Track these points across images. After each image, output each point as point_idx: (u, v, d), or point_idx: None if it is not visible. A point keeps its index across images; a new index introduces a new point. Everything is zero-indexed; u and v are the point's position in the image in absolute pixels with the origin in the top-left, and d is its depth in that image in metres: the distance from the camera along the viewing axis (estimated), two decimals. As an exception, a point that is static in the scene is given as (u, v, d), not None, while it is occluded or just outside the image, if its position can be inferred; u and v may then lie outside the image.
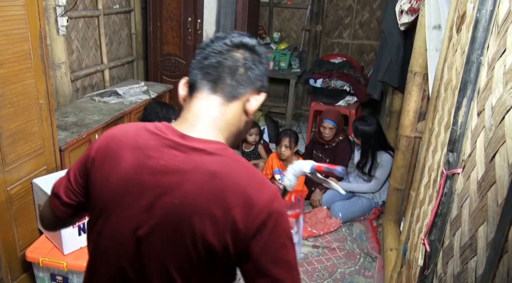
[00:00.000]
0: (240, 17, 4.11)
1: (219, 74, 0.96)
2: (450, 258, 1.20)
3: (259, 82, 1.00)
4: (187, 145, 0.91)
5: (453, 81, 1.69)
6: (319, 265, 2.87)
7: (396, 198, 3.15)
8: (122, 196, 0.93)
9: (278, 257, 0.89)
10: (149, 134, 0.94)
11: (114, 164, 0.94)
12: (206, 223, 0.86)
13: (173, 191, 0.88)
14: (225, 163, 0.90)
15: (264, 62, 1.02)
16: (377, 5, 5.30)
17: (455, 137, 1.22)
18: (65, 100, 3.38)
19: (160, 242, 0.90)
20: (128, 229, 0.92)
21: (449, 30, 1.87)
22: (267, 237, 0.87)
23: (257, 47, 1.01)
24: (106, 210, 0.95)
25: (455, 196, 1.23)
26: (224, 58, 0.96)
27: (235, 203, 0.86)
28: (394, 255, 2.68)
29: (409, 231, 2.20)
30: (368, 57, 5.54)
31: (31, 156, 2.37)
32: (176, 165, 0.89)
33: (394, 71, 3.51)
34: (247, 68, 0.97)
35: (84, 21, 3.62)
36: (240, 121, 1.00)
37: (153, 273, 0.92)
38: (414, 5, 2.84)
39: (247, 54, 0.98)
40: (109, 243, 0.95)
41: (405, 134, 2.95)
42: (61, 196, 1.05)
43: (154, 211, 0.90)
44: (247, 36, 1.02)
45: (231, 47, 0.98)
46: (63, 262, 2.24)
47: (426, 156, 2.06)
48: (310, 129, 4.85)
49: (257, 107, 1.01)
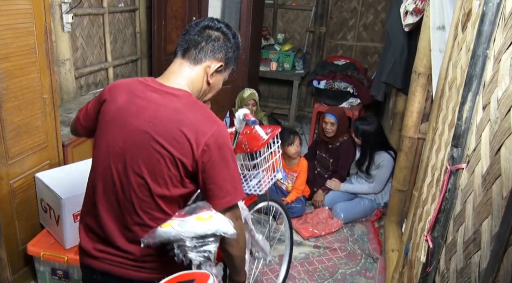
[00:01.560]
0: (244, 17, 4.12)
1: (188, 45, 1.36)
2: (453, 254, 1.19)
3: (220, 54, 1.37)
4: (162, 90, 1.31)
5: (458, 79, 1.68)
6: (320, 265, 2.86)
7: (399, 199, 3.13)
8: (116, 118, 1.32)
9: (222, 171, 1.28)
10: (138, 83, 1.36)
11: (114, 100, 1.35)
12: (170, 143, 1.25)
13: (150, 118, 1.27)
14: (186, 103, 1.29)
15: (229, 40, 1.39)
16: (381, 7, 5.31)
17: (459, 133, 1.22)
18: (68, 97, 3.38)
19: (136, 150, 1.28)
20: (117, 141, 1.31)
21: (454, 29, 1.86)
22: (213, 156, 1.25)
23: (223, 29, 1.39)
24: (105, 127, 1.35)
25: (459, 191, 1.23)
26: (194, 34, 1.36)
27: (190, 131, 1.24)
28: (395, 256, 2.66)
29: (411, 231, 2.19)
30: (371, 59, 5.54)
31: (34, 150, 2.37)
32: (153, 102, 1.29)
33: (398, 73, 3.50)
34: (208, 42, 1.35)
35: (89, 19, 3.63)
36: (203, 81, 1.38)
37: (132, 175, 1.29)
38: (419, 6, 2.84)
39: (212, 32, 1.37)
40: (104, 150, 1.34)
41: (408, 135, 2.94)
42: (80, 119, 1.51)
43: (135, 130, 1.28)
44: (218, 21, 1.40)
45: (201, 28, 1.37)
46: (64, 256, 2.23)
47: (429, 155, 2.05)
48: (313, 130, 4.85)
49: (212, 71, 1.37)
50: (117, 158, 1.30)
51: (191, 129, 1.24)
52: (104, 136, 1.34)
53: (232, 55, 1.42)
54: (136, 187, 1.28)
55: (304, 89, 5.75)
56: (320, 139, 3.80)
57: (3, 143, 2.13)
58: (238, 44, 1.44)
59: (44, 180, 2.32)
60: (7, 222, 2.25)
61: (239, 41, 1.45)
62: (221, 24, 1.40)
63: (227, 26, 1.42)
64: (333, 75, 4.78)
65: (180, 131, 1.24)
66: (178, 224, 1.22)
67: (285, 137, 3.38)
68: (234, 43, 1.41)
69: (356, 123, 3.47)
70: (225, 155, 1.28)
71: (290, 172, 3.52)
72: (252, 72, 4.53)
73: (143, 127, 1.27)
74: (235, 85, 4.34)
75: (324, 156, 3.69)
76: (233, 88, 4.34)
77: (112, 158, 1.31)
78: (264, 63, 5.28)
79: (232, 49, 1.41)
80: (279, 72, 5.32)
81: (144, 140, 1.26)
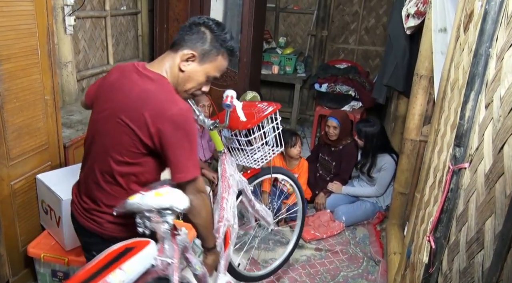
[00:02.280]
0: (246, 19, 4.12)
1: (175, 39, 1.55)
2: (456, 254, 1.18)
3: (196, 44, 1.51)
4: (143, 73, 1.48)
5: (460, 80, 1.68)
6: (321, 268, 2.84)
7: (400, 202, 3.12)
8: (105, 91, 1.54)
9: (176, 149, 1.41)
10: (131, 66, 1.53)
11: (109, 77, 1.57)
12: (131, 118, 1.42)
13: (124, 95, 1.46)
14: (157, 85, 1.45)
15: (210, 33, 1.52)
16: (383, 11, 5.31)
17: (462, 132, 1.21)
18: (70, 99, 3.38)
19: (105, 122, 1.49)
20: (100, 111, 1.54)
21: (456, 30, 1.86)
22: (167, 135, 1.39)
23: (207, 23, 1.53)
24: (98, 100, 1.58)
25: (461, 191, 1.22)
26: (182, 30, 1.54)
27: (151, 109, 1.40)
28: (397, 259, 2.65)
29: (414, 233, 2.18)
30: (373, 63, 5.54)
31: (35, 151, 2.37)
32: (133, 82, 1.47)
33: (400, 76, 3.50)
34: (188, 33, 1.52)
35: (91, 22, 3.63)
36: (177, 68, 1.52)
37: (98, 144, 1.53)
38: (420, 8, 2.84)
39: (195, 26, 1.53)
40: (92, 122, 1.59)
41: (410, 138, 2.94)
42: (87, 95, 1.70)
43: (111, 104, 1.49)
44: (208, 18, 1.55)
45: (190, 23, 1.55)
46: (64, 258, 2.23)
47: (431, 157, 2.04)
48: (315, 134, 4.84)
49: (184, 58, 1.50)
50: (94, 126, 1.56)
51: (153, 108, 1.40)
52: (95, 106, 1.59)
53: (211, 47, 1.52)
54: (100, 153, 1.51)
55: (306, 92, 5.75)
56: (322, 142, 3.79)
57: (4, 144, 2.13)
58: (221, 38, 1.53)
59: (45, 181, 2.31)
60: (8, 224, 2.24)
61: (225, 37, 1.54)
62: (207, 20, 1.55)
63: (215, 22, 1.55)
64: (335, 78, 4.77)
65: (142, 109, 1.40)
66: (140, 197, 1.38)
67: (287, 139, 3.38)
68: (215, 36, 1.52)
69: (359, 125, 3.47)
70: (181, 135, 1.40)
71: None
72: (253, 75, 4.53)
73: (116, 102, 1.47)
74: (237, 87, 4.33)
75: (326, 159, 3.68)
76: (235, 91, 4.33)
77: (93, 124, 1.57)
78: (266, 67, 5.28)
79: (211, 42, 1.52)
80: (281, 76, 5.32)
81: (112, 114, 1.46)
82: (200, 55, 1.51)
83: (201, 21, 1.53)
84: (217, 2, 4.11)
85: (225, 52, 1.56)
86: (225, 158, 2.16)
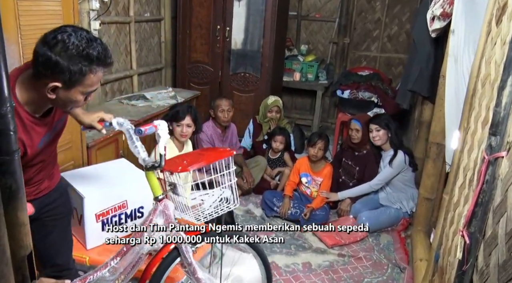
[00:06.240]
0: (268, 25, 4.13)
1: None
2: (494, 247, 1.12)
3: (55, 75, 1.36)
4: None
5: (492, 75, 1.62)
6: (344, 274, 2.77)
7: (426, 208, 3.03)
8: None
9: None
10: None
11: None
12: None
13: None
14: None
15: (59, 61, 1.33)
16: (406, 18, 5.25)
17: (498, 119, 1.16)
18: (94, 102, 3.43)
19: None
20: None
21: (487, 25, 1.81)
22: None
23: (52, 45, 1.34)
24: None
25: (498, 181, 1.16)
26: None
27: None
28: (424, 266, 2.56)
29: (442, 236, 2.10)
30: (396, 70, 5.47)
31: (59, 150, 2.36)
32: None
33: (424, 80, 3.43)
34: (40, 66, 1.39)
35: (116, 27, 3.69)
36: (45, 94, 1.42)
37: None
38: (447, 10, 2.79)
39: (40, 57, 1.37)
40: None
41: (436, 142, 2.86)
42: None
43: None
44: (49, 37, 1.36)
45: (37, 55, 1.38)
46: (85, 257, 2.22)
47: (460, 156, 1.97)
48: (337, 141, 4.78)
49: (48, 89, 1.38)
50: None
51: None
52: None
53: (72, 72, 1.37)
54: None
55: (327, 100, 5.71)
56: (346, 146, 3.74)
57: (29, 141, 2.15)
58: (80, 55, 1.36)
59: (68, 179, 2.32)
60: (31, 221, 2.25)
61: (82, 49, 1.35)
62: (51, 38, 1.37)
63: (66, 35, 1.35)
64: (357, 85, 4.72)
65: None
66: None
67: (311, 138, 3.45)
68: (69, 56, 1.35)
69: (376, 120, 3.48)
70: None
71: (314, 176, 3.47)
72: (275, 80, 4.53)
73: None
74: (258, 93, 4.33)
75: (350, 163, 3.61)
76: (256, 96, 4.33)
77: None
78: (287, 74, 5.27)
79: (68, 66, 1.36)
80: (303, 83, 5.30)
81: None
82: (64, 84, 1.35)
83: (47, 46, 1.33)
84: (239, 8, 4.14)
85: (93, 65, 1.37)
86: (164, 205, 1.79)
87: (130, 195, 2.28)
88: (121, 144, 2.96)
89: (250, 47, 4.30)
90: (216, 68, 4.41)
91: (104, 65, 1.40)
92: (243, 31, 4.23)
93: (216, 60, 4.38)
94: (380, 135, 3.40)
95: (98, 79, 1.42)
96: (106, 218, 2.26)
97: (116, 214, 2.27)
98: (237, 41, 4.29)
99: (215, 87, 4.47)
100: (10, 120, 0.79)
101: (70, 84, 1.35)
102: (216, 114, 3.70)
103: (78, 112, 1.88)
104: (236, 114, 3.98)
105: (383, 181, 3.39)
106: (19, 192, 0.82)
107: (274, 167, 3.91)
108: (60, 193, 1.92)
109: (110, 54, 1.44)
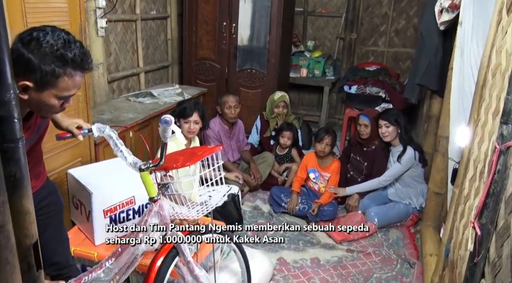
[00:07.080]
0: (274, 21, 4.12)
1: None
2: (506, 238, 1.10)
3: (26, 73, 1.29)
4: None
5: (503, 64, 1.60)
6: (353, 269, 2.75)
7: (436, 203, 3.00)
8: None
9: None
10: None
11: None
12: None
13: None
14: None
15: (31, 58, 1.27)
16: (413, 12, 5.21)
17: (510, 108, 1.14)
18: (101, 100, 3.43)
19: None
20: None
21: (497, 14, 1.78)
22: None
23: (25, 42, 1.27)
24: None
25: (510, 171, 1.14)
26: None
27: None
28: (434, 261, 2.54)
29: (452, 230, 2.08)
30: (404, 65, 5.42)
31: (67, 146, 2.40)
32: None
33: (433, 74, 3.40)
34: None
35: (122, 25, 3.70)
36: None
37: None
38: (455, 1, 2.75)
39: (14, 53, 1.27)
40: None
41: (445, 136, 2.83)
42: None
43: None
44: (25, 34, 1.28)
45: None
46: (94, 253, 2.22)
47: (470, 148, 1.95)
48: (344, 137, 4.75)
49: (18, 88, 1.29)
50: None
51: None
52: None
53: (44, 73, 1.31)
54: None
55: (335, 96, 5.68)
56: (354, 142, 3.72)
57: (37, 137, 2.15)
58: (54, 55, 1.28)
59: (76, 175, 2.32)
60: (39, 217, 2.26)
61: (57, 49, 1.28)
62: (26, 36, 1.29)
63: (41, 33, 1.29)
64: (365, 80, 4.69)
65: None
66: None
67: (318, 133, 3.44)
68: (42, 56, 1.28)
69: (386, 115, 3.46)
70: None
71: (322, 172, 3.45)
72: (282, 76, 4.51)
73: None
74: (265, 89, 4.32)
75: (358, 159, 3.59)
76: (262, 93, 4.32)
77: None
78: (294, 70, 5.25)
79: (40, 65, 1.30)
80: (310, 79, 5.28)
81: None
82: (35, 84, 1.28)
83: (22, 42, 1.26)
84: (245, 4, 4.13)
85: (67, 68, 1.30)
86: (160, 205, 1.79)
87: (138, 191, 2.27)
88: (128, 141, 2.97)
89: (257, 44, 4.28)
90: (222, 64, 4.40)
91: (82, 69, 1.34)
92: (249, 28, 4.22)
93: (222, 57, 4.38)
94: (390, 132, 3.37)
95: (74, 83, 1.34)
96: (114, 214, 2.26)
97: (124, 209, 2.27)
98: (243, 37, 4.27)
99: (222, 84, 4.46)
100: (14, 107, 0.78)
101: (41, 85, 1.29)
102: (223, 111, 3.70)
103: (56, 115, 1.80)
104: (243, 111, 3.97)
105: (392, 177, 3.37)
106: (24, 180, 0.81)
107: (282, 162, 3.90)
108: (49, 191, 1.88)
109: (90, 59, 1.38)
